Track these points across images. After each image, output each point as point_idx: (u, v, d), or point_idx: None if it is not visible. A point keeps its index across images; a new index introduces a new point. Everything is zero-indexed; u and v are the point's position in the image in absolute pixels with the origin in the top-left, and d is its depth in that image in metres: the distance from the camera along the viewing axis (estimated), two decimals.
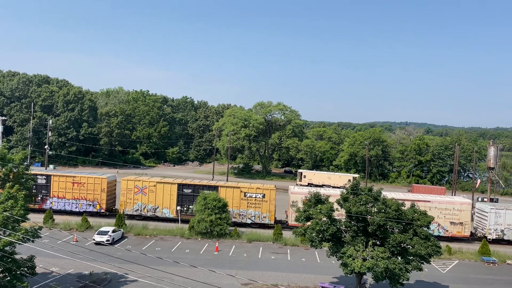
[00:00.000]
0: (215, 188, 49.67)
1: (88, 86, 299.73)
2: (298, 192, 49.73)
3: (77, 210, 50.47)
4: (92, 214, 50.25)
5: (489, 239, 47.71)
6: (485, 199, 72.44)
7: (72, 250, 34.41)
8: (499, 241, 48.07)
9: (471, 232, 49.61)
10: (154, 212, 50.00)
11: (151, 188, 49.93)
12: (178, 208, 49.31)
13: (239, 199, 49.23)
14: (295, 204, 48.67)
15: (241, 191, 49.34)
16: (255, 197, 49.15)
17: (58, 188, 50.75)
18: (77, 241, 40.11)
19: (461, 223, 46.78)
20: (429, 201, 47.94)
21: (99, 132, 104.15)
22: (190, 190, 49.88)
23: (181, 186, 50.04)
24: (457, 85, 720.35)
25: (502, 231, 48.28)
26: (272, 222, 49.26)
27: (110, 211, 51.77)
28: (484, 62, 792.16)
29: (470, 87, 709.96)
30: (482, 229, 49.38)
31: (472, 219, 51.91)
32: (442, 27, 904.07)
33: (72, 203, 50.84)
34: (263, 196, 49.13)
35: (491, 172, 73.23)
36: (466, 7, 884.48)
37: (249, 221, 49.26)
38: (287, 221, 50.03)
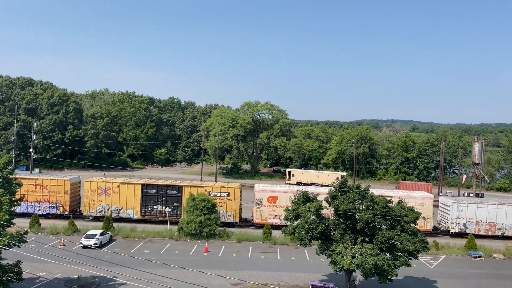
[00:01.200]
0: (179, 188, 49.67)
1: (73, 88, 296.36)
2: (262, 190, 49.93)
3: (40, 212, 49.68)
4: (56, 216, 49.75)
5: (452, 232, 48.60)
6: (471, 194, 73.57)
7: (59, 254, 33.92)
8: (461, 234, 48.84)
9: (434, 226, 50.39)
10: (118, 213, 49.71)
11: (114, 189, 49.69)
12: (167, 210, 49.03)
13: None
14: (259, 202, 48.95)
15: (205, 190, 49.15)
16: (220, 196, 49.08)
17: (20, 191, 49.81)
18: (64, 245, 39.60)
19: (423, 218, 47.16)
20: (391, 196, 48.57)
21: (85, 135, 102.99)
22: (154, 191, 49.77)
23: (145, 187, 49.89)
24: (442, 82, 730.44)
25: (464, 224, 49.12)
26: (237, 220, 49.38)
27: (74, 213, 51.30)
28: (467, 60, 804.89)
29: (454, 84, 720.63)
30: (445, 223, 50.24)
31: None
32: (426, 25, 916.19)
33: (35, 205, 50.20)
34: (228, 195, 49.14)
35: (476, 167, 74.43)
36: (450, 4, 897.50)
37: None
38: (252, 219, 50.13)
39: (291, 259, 38.66)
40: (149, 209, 49.75)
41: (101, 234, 40.65)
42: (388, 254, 27.53)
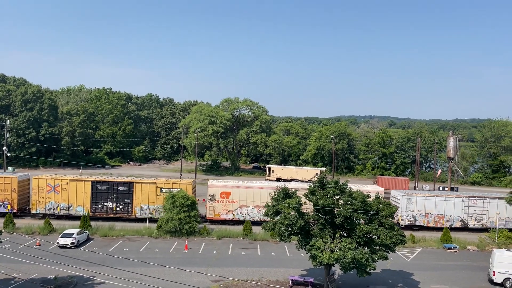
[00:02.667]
0: (130, 184, 49.37)
1: (48, 84, 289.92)
2: (215, 186, 49.99)
3: None
4: (3, 214, 48.52)
5: (402, 225, 49.67)
6: (446, 188, 75.40)
7: (35, 254, 33.24)
8: (411, 226, 50.17)
9: None
10: (68, 210, 49.22)
11: (63, 186, 49.09)
12: (147, 207, 48.54)
13: (155, 195, 48.98)
14: (212, 198, 49.14)
15: (157, 187, 49.07)
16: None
17: None
18: (40, 245, 38.78)
19: None
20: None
21: (61, 132, 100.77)
22: (104, 187, 49.33)
23: (95, 183, 49.40)
24: (418, 79, 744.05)
25: (413, 217, 50.47)
26: None
27: (23, 211, 50.50)
28: (442, 58, 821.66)
29: (430, 81, 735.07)
30: (396, 216, 51.48)
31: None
32: (401, 23, 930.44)
33: None
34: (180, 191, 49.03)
35: (451, 162, 76.27)
36: (427, 2, 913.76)
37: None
38: (205, 215, 50.13)
39: (271, 255, 38.86)
40: (100, 206, 49.28)
41: (78, 233, 39.97)
42: (366, 248, 27.99)
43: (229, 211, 49.35)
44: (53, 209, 49.11)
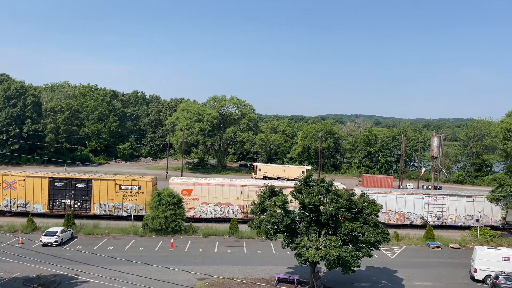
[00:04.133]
0: (88, 181, 49.05)
1: (31, 80, 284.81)
2: (176, 183, 49.88)
3: None
4: None
5: None
6: (429, 187, 76.50)
7: (18, 253, 32.72)
8: None
9: None
10: (25, 207, 48.68)
11: (20, 182, 48.56)
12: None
13: (114, 192, 48.79)
14: None
15: (116, 184, 48.90)
16: (131, 189, 48.87)
17: None
18: (22, 243, 38.23)
19: None
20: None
21: (44, 129, 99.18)
22: (62, 184, 48.94)
23: (52, 180, 48.97)
24: (403, 78, 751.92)
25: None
26: (149, 213, 48.96)
27: None
28: (426, 57, 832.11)
29: (415, 80, 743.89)
30: None
31: None
32: (386, 22, 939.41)
33: None
34: (139, 188, 48.88)
35: (435, 161, 77.36)
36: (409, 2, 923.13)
37: (125, 214, 48.88)
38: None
39: (257, 253, 38.96)
40: (57, 203, 48.81)
41: (62, 232, 39.50)
42: (351, 246, 28.28)
43: (190, 208, 49.04)
44: (10, 206, 48.48)
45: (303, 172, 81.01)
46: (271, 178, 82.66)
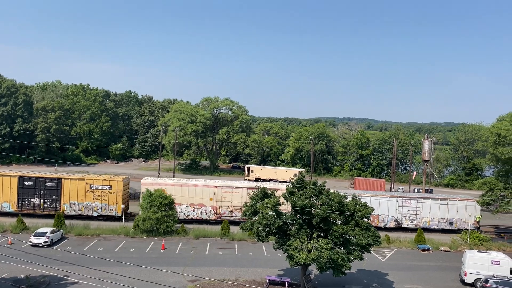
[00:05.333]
0: (58, 180, 48.81)
1: (23, 79, 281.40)
2: (148, 183, 49.57)
3: None
4: None
5: None
6: (421, 190, 76.91)
7: (6, 253, 32.34)
8: None
9: None
10: None
11: None
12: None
13: (84, 192, 48.65)
14: None
15: (86, 183, 48.76)
16: (102, 189, 48.72)
17: None
18: (11, 243, 37.82)
19: None
20: (278, 189, 50.17)
21: (35, 128, 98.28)
22: (32, 183, 48.70)
23: (21, 179, 48.71)
24: (395, 82, 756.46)
25: None
26: (120, 214, 48.87)
27: None
28: (419, 62, 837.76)
29: (407, 85, 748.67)
30: None
31: None
32: (381, 26, 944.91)
33: None
34: (110, 188, 48.75)
35: (426, 164, 77.85)
36: (403, 4, 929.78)
37: (95, 214, 48.76)
38: (138, 213, 49.54)
39: (248, 255, 38.89)
40: (26, 202, 48.57)
41: (52, 232, 39.16)
42: (342, 248, 28.33)
43: None
44: None
45: (295, 175, 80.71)
46: (263, 180, 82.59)
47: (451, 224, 50.57)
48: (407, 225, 51.26)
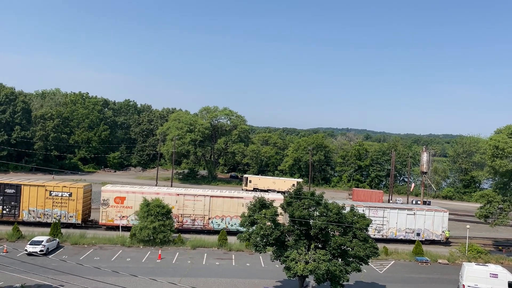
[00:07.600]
0: (17, 186, 48.40)
1: (22, 87, 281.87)
2: (109, 190, 49.25)
3: None
4: None
5: None
6: (418, 202, 76.85)
7: (2, 262, 32.04)
8: None
9: None
10: None
11: None
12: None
13: (44, 198, 48.27)
14: (106, 202, 48.43)
15: (46, 190, 48.40)
16: (61, 196, 48.36)
17: None
18: (7, 252, 37.46)
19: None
20: (242, 197, 50.27)
21: (33, 136, 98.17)
22: None
23: None
24: (394, 94, 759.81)
25: None
26: (80, 221, 48.46)
27: None
28: (417, 75, 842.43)
29: (406, 97, 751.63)
30: None
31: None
32: (379, 39, 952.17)
33: None
34: (70, 195, 48.38)
35: (424, 176, 77.84)
36: (405, 10, 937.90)
37: (54, 221, 47.73)
38: (98, 220, 49.42)
39: (246, 266, 38.63)
40: None
41: (48, 241, 38.86)
42: (340, 260, 28.17)
43: (123, 216, 48.35)
44: None
45: (293, 185, 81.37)
46: (261, 190, 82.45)
47: (418, 234, 50.25)
48: (374, 235, 49.02)
